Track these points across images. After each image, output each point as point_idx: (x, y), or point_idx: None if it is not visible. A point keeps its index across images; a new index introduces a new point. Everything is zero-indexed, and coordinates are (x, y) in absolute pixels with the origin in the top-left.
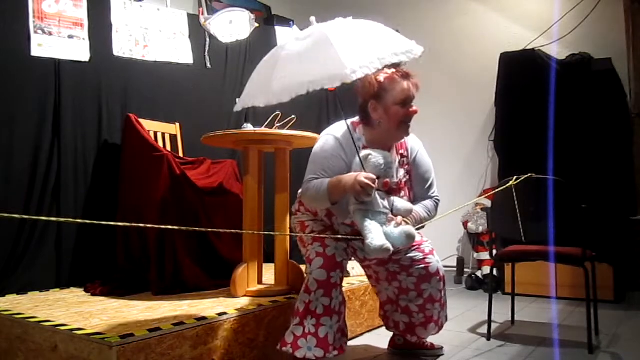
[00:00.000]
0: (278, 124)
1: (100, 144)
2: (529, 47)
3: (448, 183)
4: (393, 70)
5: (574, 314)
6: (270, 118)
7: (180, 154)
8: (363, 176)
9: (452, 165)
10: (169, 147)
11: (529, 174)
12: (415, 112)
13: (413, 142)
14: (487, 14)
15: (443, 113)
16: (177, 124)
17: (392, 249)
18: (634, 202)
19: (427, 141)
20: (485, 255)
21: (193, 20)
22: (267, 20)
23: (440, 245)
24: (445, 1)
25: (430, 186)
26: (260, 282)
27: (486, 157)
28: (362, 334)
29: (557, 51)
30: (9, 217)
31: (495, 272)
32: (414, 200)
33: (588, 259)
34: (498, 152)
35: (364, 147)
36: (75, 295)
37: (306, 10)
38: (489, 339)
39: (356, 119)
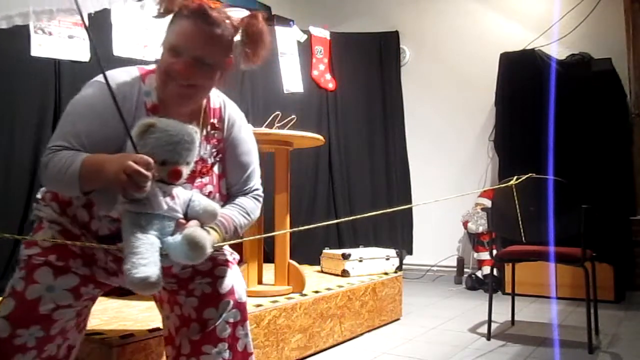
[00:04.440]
0: (278, 124)
1: None
2: (529, 47)
3: (448, 183)
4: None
5: (574, 314)
6: (270, 118)
7: None
8: (132, 159)
9: (452, 165)
10: None
11: (529, 174)
12: (179, 70)
13: (232, 111)
14: (487, 14)
15: (443, 113)
16: None
17: (160, 284)
18: (634, 202)
19: (428, 141)
20: (485, 255)
21: None
22: (267, 20)
23: (440, 245)
24: (445, 1)
25: (250, 177)
26: (260, 282)
27: (486, 157)
28: (362, 334)
29: (557, 51)
30: (9, 237)
31: (495, 272)
32: (226, 195)
33: (588, 259)
34: (498, 152)
35: (153, 108)
36: None
37: (306, 10)
38: (489, 339)
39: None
